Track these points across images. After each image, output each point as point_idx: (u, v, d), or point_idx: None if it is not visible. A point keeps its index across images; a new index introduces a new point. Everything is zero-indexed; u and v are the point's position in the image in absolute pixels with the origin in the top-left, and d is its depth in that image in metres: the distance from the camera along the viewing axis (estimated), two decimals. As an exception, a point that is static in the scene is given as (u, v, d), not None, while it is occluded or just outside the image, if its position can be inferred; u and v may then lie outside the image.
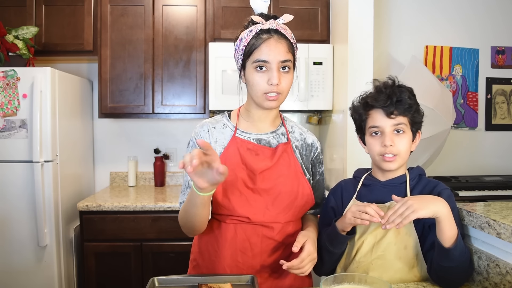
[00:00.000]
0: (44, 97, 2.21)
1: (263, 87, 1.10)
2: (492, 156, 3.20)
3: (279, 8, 2.61)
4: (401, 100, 1.11)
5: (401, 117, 1.12)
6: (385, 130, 1.12)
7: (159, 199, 2.40)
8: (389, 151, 1.11)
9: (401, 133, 1.13)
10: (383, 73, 3.00)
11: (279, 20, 1.13)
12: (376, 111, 1.14)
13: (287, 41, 1.12)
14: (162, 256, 2.30)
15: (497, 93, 3.20)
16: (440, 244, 0.99)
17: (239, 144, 1.17)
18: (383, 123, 1.12)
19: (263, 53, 1.09)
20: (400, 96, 1.11)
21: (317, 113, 2.91)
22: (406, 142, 1.13)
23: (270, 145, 1.20)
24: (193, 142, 1.20)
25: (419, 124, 1.17)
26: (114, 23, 2.57)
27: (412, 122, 1.14)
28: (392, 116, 1.11)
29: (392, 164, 1.13)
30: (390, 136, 1.11)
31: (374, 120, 1.14)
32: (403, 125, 1.12)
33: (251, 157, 1.15)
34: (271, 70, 1.09)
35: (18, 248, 2.21)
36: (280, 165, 1.17)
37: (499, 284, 1.01)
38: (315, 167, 1.29)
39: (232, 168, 1.13)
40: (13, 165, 2.21)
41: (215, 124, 1.22)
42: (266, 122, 1.22)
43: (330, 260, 1.16)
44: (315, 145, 1.28)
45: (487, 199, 2.71)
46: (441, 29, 3.09)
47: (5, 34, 2.30)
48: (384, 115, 1.12)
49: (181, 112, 2.64)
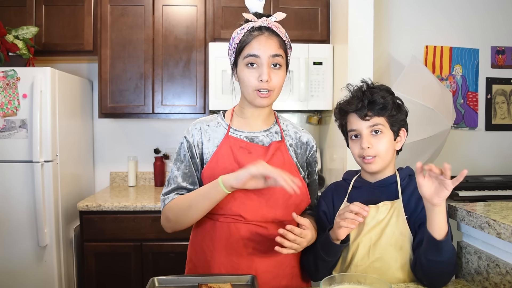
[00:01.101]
0: (44, 97, 2.21)
1: (253, 83, 1.10)
2: (492, 156, 3.20)
3: (279, 8, 2.61)
4: (374, 101, 1.12)
5: (376, 117, 1.13)
6: (362, 132, 1.14)
7: (159, 199, 2.40)
8: (366, 153, 1.12)
9: (379, 133, 1.13)
10: (383, 73, 3.00)
11: (271, 18, 1.13)
12: (351, 115, 1.16)
13: (278, 38, 1.12)
14: (162, 256, 2.30)
15: (497, 93, 3.20)
16: (431, 236, 0.98)
17: (231, 142, 1.17)
18: (359, 126, 1.14)
19: (253, 48, 1.09)
20: (372, 97, 1.12)
21: (317, 113, 2.91)
22: (385, 143, 1.13)
23: (263, 144, 1.20)
24: (185, 141, 1.20)
25: (401, 122, 1.17)
26: (114, 23, 2.57)
27: (391, 121, 1.14)
28: (367, 118, 1.13)
29: (372, 165, 1.13)
30: (366, 138, 1.13)
31: (351, 124, 1.16)
32: (379, 126, 1.13)
33: (243, 156, 1.15)
34: (262, 66, 1.09)
35: (18, 248, 2.21)
36: (274, 163, 1.14)
37: (499, 284, 1.01)
38: (311, 165, 1.28)
39: (225, 166, 1.13)
40: (13, 165, 2.21)
41: (209, 122, 1.22)
42: (259, 120, 1.22)
43: (325, 267, 1.15)
44: (310, 143, 1.28)
45: (487, 199, 2.72)
46: (441, 29, 3.09)
47: (5, 34, 2.30)
48: (359, 118, 1.14)
49: (181, 112, 2.64)
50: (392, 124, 1.15)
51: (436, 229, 0.97)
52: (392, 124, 1.14)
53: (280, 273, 1.17)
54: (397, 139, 1.18)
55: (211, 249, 1.16)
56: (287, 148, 1.21)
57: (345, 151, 2.29)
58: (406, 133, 1.20)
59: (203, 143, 1.19)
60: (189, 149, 1.19)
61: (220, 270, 1.14)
